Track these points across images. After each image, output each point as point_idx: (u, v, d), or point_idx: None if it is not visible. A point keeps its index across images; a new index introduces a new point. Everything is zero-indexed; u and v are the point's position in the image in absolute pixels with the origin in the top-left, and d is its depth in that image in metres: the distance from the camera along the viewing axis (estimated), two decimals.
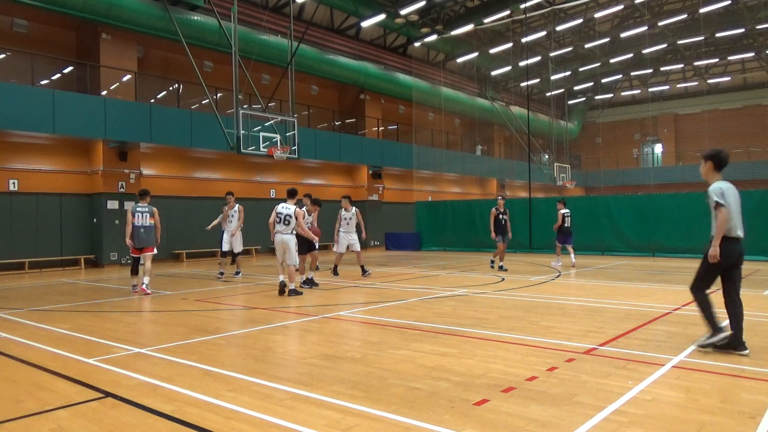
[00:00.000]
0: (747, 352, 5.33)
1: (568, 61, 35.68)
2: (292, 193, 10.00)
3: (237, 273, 13.67)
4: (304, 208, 11.07)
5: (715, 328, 5.44)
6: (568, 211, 14.94)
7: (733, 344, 5.36)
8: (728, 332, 5.37)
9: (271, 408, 3.96)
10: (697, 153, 40.45)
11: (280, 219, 9.76)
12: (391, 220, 27.30)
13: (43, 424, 3.76)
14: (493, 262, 14.26)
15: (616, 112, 44.68)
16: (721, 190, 5.48)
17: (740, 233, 5.60)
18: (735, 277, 5.52)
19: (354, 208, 13.19)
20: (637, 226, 18.03)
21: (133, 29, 18.14)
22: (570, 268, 14.17)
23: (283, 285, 9.87)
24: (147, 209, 10.59)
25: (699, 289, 5.55)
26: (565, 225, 14.82)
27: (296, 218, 9.74)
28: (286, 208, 9.80)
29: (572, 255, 14.71)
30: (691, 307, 8.04)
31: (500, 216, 13.85)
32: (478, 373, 4.73)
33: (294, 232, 9.81)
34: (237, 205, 13.32)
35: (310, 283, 11.02)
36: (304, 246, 10.92)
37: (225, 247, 13.30)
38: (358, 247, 13.02)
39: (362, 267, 12.99)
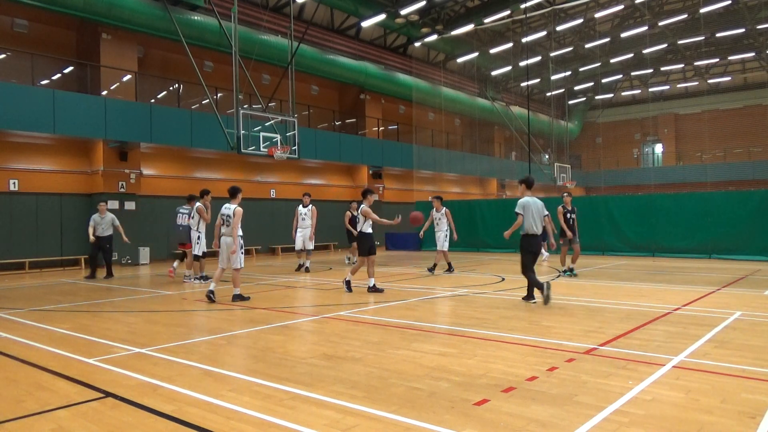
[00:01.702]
0: (535, 301, 8.51)
1: (569, 61, 35.68)
2: (233, 192, 9.39)
3: (204, 277, 12.60)
4: (308, 207, 10.70)
5: (530, 295, 8.75)
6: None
7: (527, 297, 8.68)
8: (534, 300, 8.62)
9: (271, 408, 3.96)
10: (698, 153, 40.56)
11: (223, 220, 9.27)
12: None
13: (43, 424, 3.76)
14: (571, 269, 12.57)
15: (616, 112, 44.68)
16: (523, 203, 8.48)
17: (536, 231, 8.54)
18: (534, 259, 8.71)
19: (444, 208, 13.77)
20: (637, 226, 18.02)
21: (133, 29, 18.14)
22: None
23: (212, 293, 9.20)
24: (187, 211, 12.13)
25: (528, 270, 8.60)
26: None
27: (234, 216, 9.14)
28: (227, 208, 9.25)
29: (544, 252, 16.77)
30: (692, 307, 8.05)
31: (568, 215, 12.49)
32: (479, 373, 4.73)
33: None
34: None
35: (374, 289, 10.10)
36: (365, 248, 10.23)
37: (199, 250, 12.46)
38: (446, 246, 13.66)
39: (435, 265, 13.70)
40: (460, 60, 31.17)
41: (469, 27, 26.71)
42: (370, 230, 10.36)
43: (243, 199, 9.91)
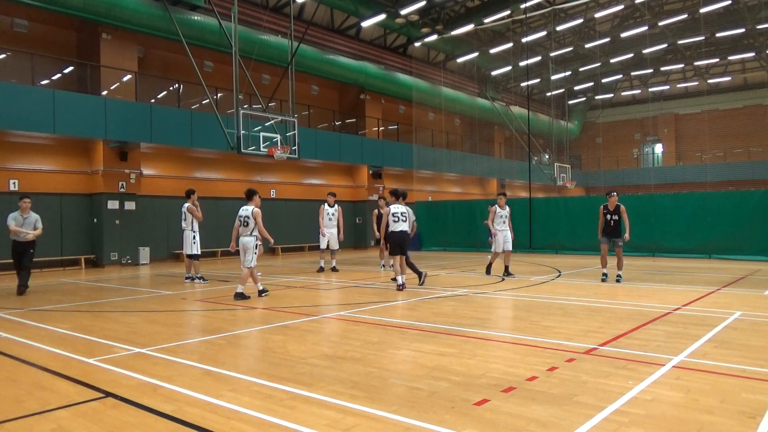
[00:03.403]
0: (424, 274, 11.19)
1: (569, 61, 35.68)
2: (249, 195, 9.74)
3: (200, 278, 12.48)
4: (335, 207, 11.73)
5: (419, 275, 11.10)
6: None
7: (421, 281, 11.02)
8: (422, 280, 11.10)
9: (271, 408, 3.96)
10: (698, 153, 40.57)
11: (241, 222, 9.58)
12: None
13: (43, 423, 3.76)
14: (620, 275, 11.49)
15: (616, 112, 44.68)
16: (392, 209, 10.88)
17: (400, 228, 10.80)
18: (404, 250, 10.73)
19: (508, 207, 12.96)
20: (637, 226, 17.96)
21: (134, 29, 18.14)
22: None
23: (263, 291, 9.66)
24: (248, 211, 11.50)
25: (404, 255, 10.85)
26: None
27: (255, 218, 9.47)
28: (245, 210, 9.60)
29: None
30: (692, 307, 8.05)
31: (609, 216, 11.64)
32: (479, 373, 4.73)
33: (254, 233, 9.50)
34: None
35: (402, 286, 10.36)
36: (397, 247, 10.57)
37: (197, 250, 12.34)
38: (510, 246, 12.88)
39: (506, 267, 12.78)
40: (460, 60, 31.16)
41: (469, 27, 26.70)
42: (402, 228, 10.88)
43: (243, 199, 9.96)
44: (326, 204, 14.64)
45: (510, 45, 30.15)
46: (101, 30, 17.88)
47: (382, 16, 23.07)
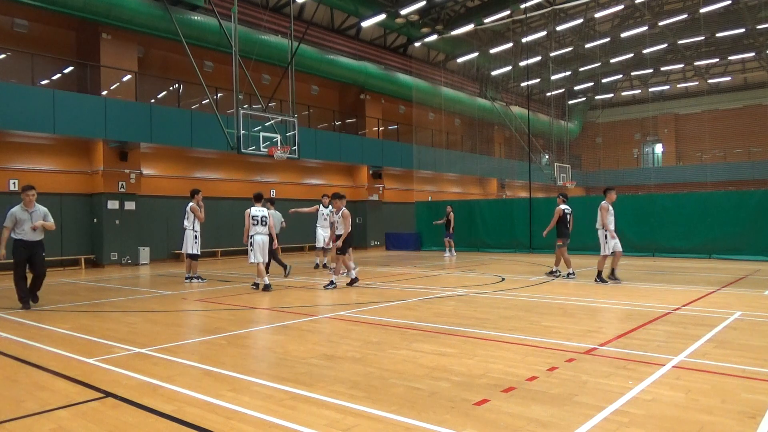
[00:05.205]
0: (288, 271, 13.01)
1: (569, 61, 35.68)
2: (259, 197, 11.09)
3: (198, 278, 12.47)
4: (329, 207, 13.36)
5: (285, 268, 12.90)
6: (452, 214, 19.59)
7: (286, 273, 12.85)
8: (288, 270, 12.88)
9: (271, 408, 3.96)
10: (698, 153, 40.56)
11: (257, 221, 10.79)
12: (391, 220, 27.29)
13: (43, 424, 3.76)
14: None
15: (616, 112, 44.67)
16: (271, 213, 11.53)
17: (276, 233, 12.31)
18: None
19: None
20: (637, 226, 18.00)
21: (134, 29, 18.13)
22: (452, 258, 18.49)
23: (269, 286, 10.67)
24: (263, 212, 11.90)
25: (276, 257, 12.71)
26: (452, 224, 19.51)
27: (269, 218, 11.09)
28: (261, 210, 10.89)
29: (452, 248, 19.50)
30: (692, 307, 8.05)
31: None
32: (479, 373, 4.73)
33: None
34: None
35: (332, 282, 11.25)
36: (347, 245, 11.19)
37: (197, 250, 12.35)
38: (619, 246, 11.47)
39: (613, 270, 11.50)
40: (460, 60, 31.16)
41: (469, 27, 26.69)
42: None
43: (243, 199, 10.19)
44: (321, 205, 14.86)
45: (510, 45, 30.15)
46: (101, 30, 17.88)
47: (382, 16, 23.07)
